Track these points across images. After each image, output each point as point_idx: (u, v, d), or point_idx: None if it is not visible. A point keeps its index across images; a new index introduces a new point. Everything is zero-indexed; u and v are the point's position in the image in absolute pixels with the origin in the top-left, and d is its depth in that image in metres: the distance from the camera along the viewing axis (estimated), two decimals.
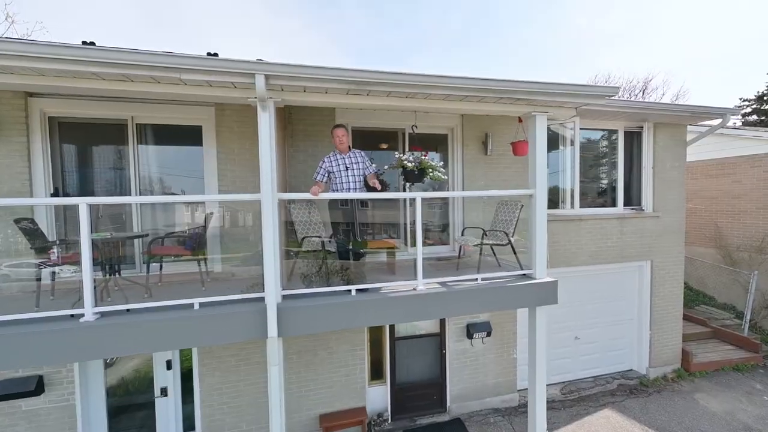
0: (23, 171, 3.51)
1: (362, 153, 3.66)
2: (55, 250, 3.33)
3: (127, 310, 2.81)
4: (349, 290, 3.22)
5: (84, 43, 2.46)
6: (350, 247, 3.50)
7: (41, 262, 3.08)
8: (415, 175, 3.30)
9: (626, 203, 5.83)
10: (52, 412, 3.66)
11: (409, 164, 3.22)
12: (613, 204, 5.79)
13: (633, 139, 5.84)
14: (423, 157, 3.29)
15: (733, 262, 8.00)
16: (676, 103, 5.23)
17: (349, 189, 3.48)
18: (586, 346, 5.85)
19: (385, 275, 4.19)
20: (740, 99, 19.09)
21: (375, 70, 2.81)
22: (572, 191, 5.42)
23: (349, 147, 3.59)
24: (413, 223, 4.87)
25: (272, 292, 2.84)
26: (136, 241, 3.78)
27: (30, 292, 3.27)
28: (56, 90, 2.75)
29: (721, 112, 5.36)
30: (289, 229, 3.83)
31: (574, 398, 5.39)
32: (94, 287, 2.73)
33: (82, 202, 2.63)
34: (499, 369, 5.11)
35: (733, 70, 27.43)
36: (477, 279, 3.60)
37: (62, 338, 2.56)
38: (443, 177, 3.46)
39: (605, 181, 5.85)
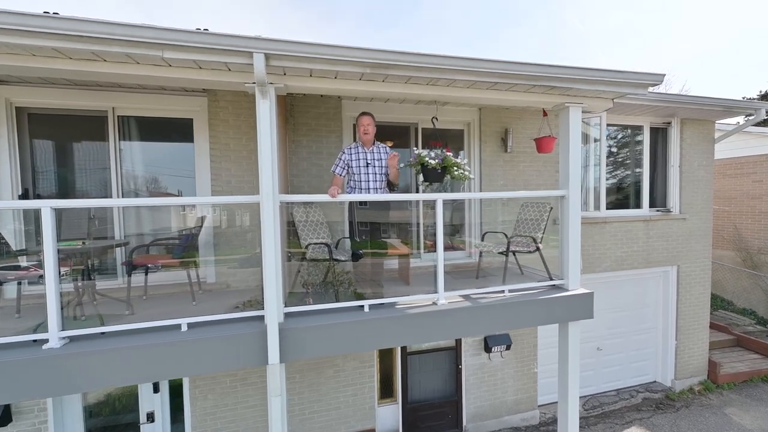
0: None
1: (387, 148, 3.25)
2: (21, 260, 2.92)
3: (102, 333, 2.38)
4: (362, 306, 2.81)
5: (45, 13, 2.02)
6: (366, 250, 3.13)
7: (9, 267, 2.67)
8: (437, 174, 2.88)
9: (650, 204, 5.45)
10: None
11: (432, 162, 2.81)
12: (638, 205, 5.41)
13: (658, 135, 5.46)
14: (447, 154, 2.88)
15: (753, 265, 7.66)
16: (709, 96, 4.86)
17: (368, 188, 3.07)
18: (609, 357, 5.47)
19: (398, 285, 3.80)
20: (743, 98, 18.89)
21: (395, 51, 2.39)
22: (597, 192, 5.02)
23: (374, 140, 3.18)
24: (427, 225, 4.53)
25: (273, 311, 2.42)
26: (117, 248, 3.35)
27: None
28: (13, 71, 2.31)
29: (756, 107, 5.00)
30: (290, 229, 3.42)
31: (597, 414, 5.01)
32: (62, 307, 2.29)
33: (46, 206, 2.19)
34: (519, 384, 4.72)
35: (730, 68, 27.27)
36: (504, 291, 3.20)
37: (20, 370, 2.12)
38: (470, 176, 3.05)
39: (629, 181, 5.46)
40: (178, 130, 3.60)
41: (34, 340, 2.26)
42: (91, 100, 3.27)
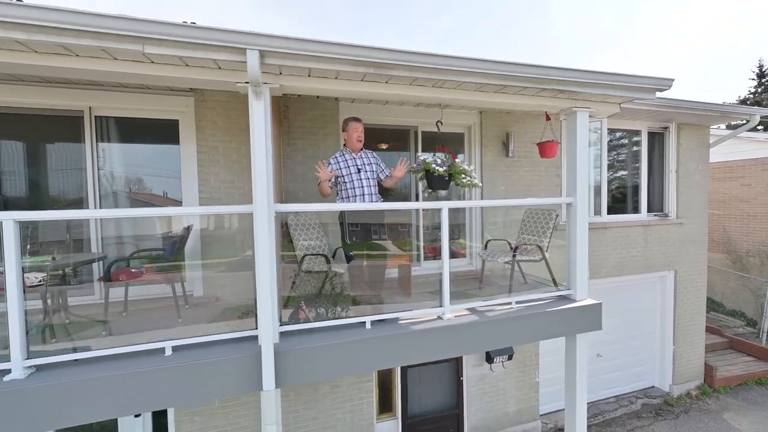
0: None
1: (375, 154, 3.09)
2: None
3: (75, 360, 2.13)
4: (363, 322, 2.62)
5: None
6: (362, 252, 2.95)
7: None
8: (443, 182, 2.73)
9: (648, 209, 5.43)
10: None
11: (439, 169, 2.65)
12: (636, 210, 5.38)
13: (655, 140, 5.45)
14: (454, 160, 2.72)
15: (743, 267, 7.79)
16: (708, 101, 4.89)
17: (363, 194, 2.89)
18: (608, 363, 5.42)
19: (399, 296, 3.63)
20: (723, 103, 19.55)
21: (401, 50, 2.22)
22: (597, 196, 4.96)
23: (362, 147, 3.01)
24: (427, 227, 4.37)
25: (268, 333, 2.21)
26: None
27: None
28: None
29: (751, 113, 5.03)
30: (283, 231, 3.20)
31: (599, 422, 4.94)
32: (27, 331, 2.03)
33: (8, 219, 1.93)
34: (520, 395, 4.60)
35: (707, 75, 28.23)
36: (511, 303, 3.06)
37: None
38: (478, 184, 2.91)
39: (628, 185, 5.43)
40: (163, 132, 3.34)
41: None
42: (64, 99, 2.99)
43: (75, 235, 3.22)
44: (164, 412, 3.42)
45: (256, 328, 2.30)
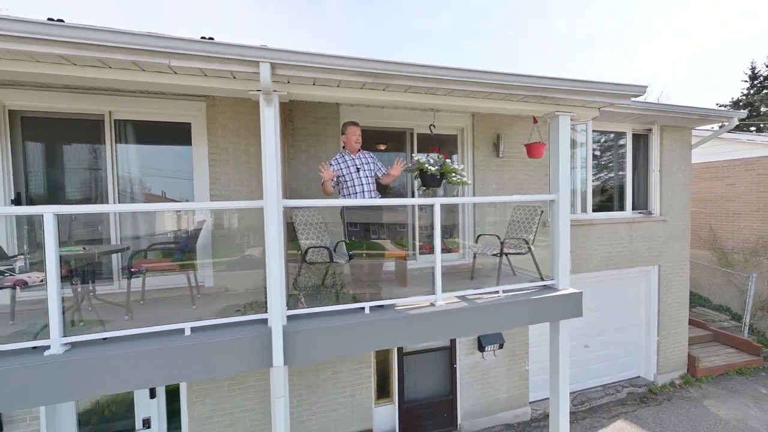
0: None
1: (371, 154, 3.35)
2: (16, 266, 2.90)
3: (104, 338, 2.38)
4: (362, 308, 2.88)
5: (50, 20, 2.03)
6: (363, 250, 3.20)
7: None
8: (436, 180, 2.99)
9: (633, 207, 5.72)
10: None
11: (432, 168, 2.91)
12: (621, 207, 5.66)
13: (640, 141, 5.74)
14: (446, 160, 2.98)
15: (728, 263, 8.08)
16: (687, 105, 5.18)
17: (363, 191, 3.15)
18: (595, 354, 5.69)
19: (395, 287, 3.88)
20: (717, 104, 19.89)
21: (397, 62, 2.48)
22: (583, 194, 5.24)
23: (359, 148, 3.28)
24: (422, 227, 4.64)
25: (278, 314, 2.47)
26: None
27: None
28: (14, 77, 2.30)
29: (729, 115, 5.32)
30: (288, 230, 3.46)
31: (585, 409, 5.21)
32: (63, 312, 2.28)
33: (48, 212, 2.19)
34: (511, 382, 4.87)
35: (708, 75, 28.64)
36: (498, 292, 3.32)
37: (21, 377, 2.10)
38: (467, 182, 3.17)
39: (613, 184, 5.71)
40: (176, 134, 3.59)
41: (34, 347, 2.24)
42: (87, 104, 3.24)
43: (97, 234, 3.46)
44: (177, 396, 3.67)
45: (266, 312, 2.55)
